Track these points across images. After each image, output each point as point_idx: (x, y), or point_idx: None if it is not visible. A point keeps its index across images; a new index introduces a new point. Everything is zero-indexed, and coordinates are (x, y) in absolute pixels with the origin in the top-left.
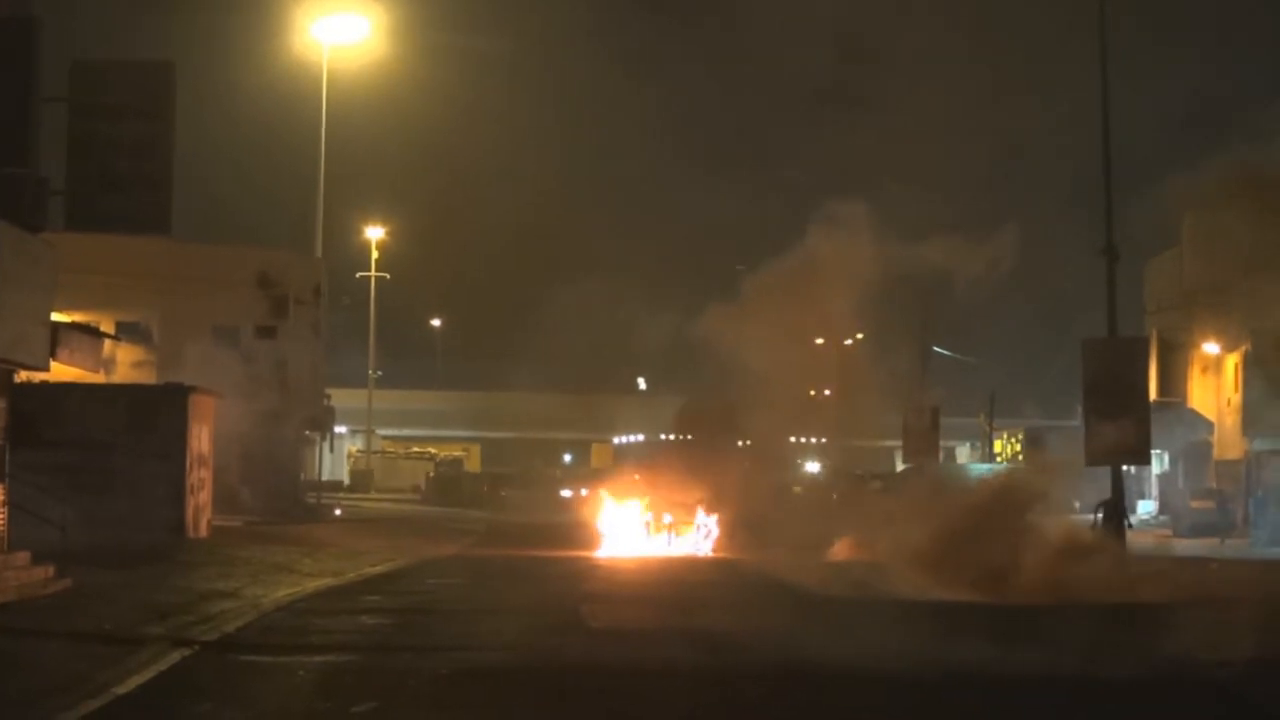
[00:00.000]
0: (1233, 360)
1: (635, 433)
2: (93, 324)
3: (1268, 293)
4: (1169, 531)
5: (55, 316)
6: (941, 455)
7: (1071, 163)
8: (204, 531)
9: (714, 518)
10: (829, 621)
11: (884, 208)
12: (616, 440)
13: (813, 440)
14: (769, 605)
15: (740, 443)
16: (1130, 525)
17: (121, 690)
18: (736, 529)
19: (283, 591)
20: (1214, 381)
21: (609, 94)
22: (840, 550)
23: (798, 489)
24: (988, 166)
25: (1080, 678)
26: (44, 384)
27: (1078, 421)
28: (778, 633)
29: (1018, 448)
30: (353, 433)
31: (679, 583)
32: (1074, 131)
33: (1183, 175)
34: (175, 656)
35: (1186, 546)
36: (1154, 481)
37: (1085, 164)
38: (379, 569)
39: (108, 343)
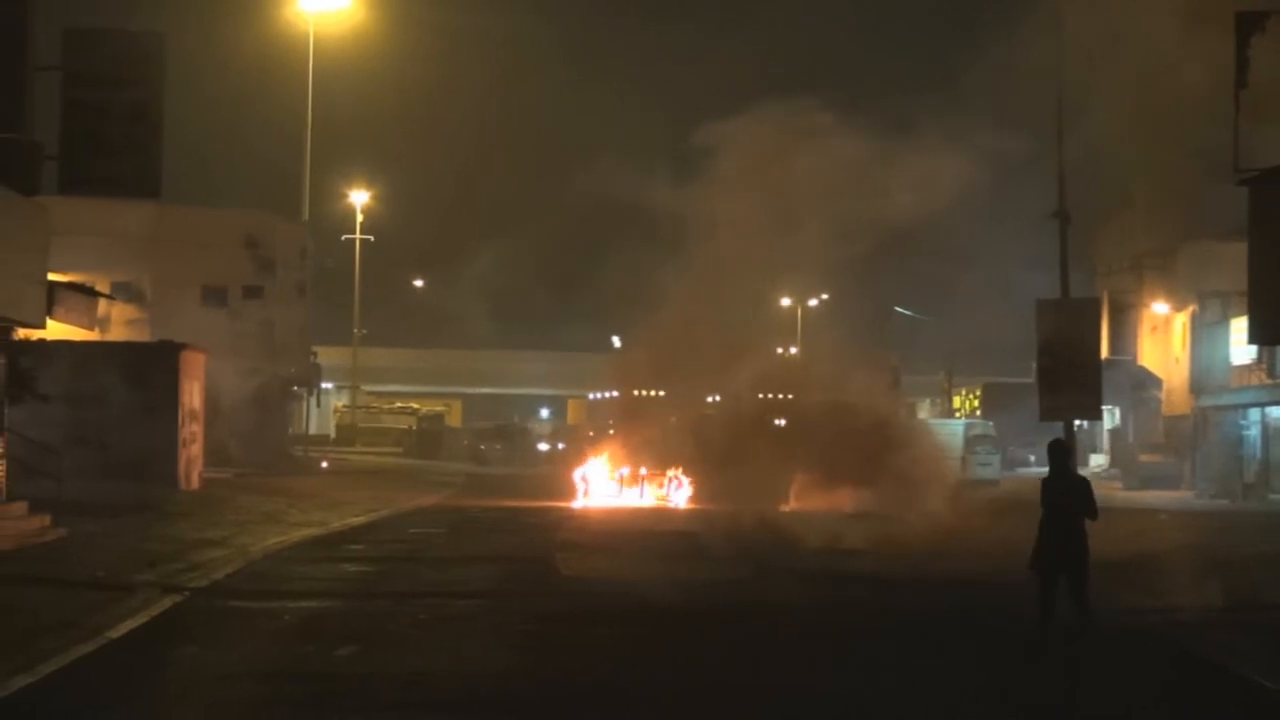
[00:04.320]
0: (1181, 320)
1: (609, 389)
2: (88, 284)
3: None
4: (1119, 484)
5: (51, 277)
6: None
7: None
8: (195, 483)
9: (683, 470)
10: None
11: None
12: (592, 396)
13: (780, 396)
14: (733, 554)
15: (710, 398)
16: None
17: (113, 634)
18: (707, 481)
19: (270, 540)
20: (1163, 340)
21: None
22: (795, 500)
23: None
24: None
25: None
26: (41, 341)
27: (1032, 379)
28: (741, 580)
29: (975, 403)
30: (338, 388)
31: (649, 533)
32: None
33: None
34: (165, 602)
35: (1134, 498)
36: (1105, 436)
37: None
38: (362, 519)
39: (102, 302)
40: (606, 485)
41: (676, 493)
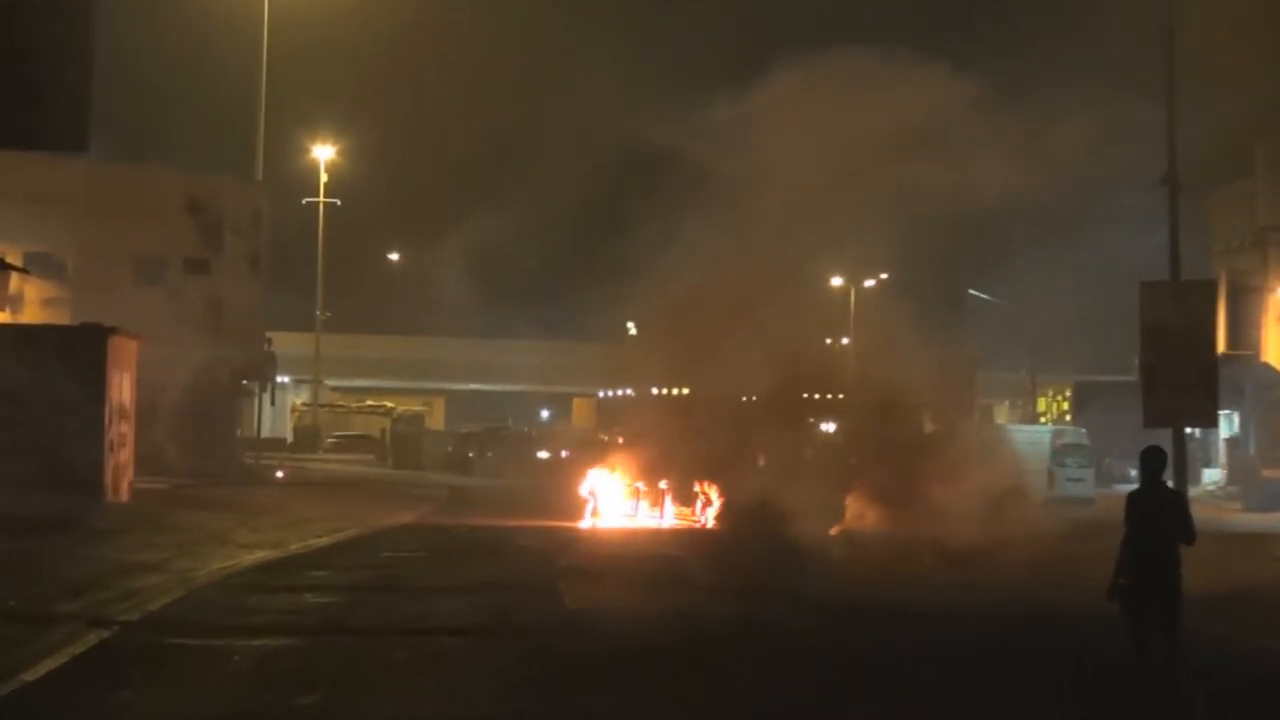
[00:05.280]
0: None
1: (623, 386)
2: None
3: None
4: (1238, 505)
5: None
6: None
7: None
8: (125, 495)
9: (713, 485)
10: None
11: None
12: (601, 394)
13: (829, 396)
14: (768, 586)
15: (746, 398)
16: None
17: (30, 676)
18: (739, 497)
19: (216, 564)
20: None
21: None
22: (851, 521)
23: (810, 452)
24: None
25: None
26: None
27: (1134, 377)
28: (777, 616)
29: (1064, 406)
30: (297, 383)
31: (671, 559)
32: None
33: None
34: (92, 638)
35: (1255, 522)
36: (1221, 447)
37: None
38: (326, 540)
39: (14, 276)
40: (621, 501)
41: (704, 511)
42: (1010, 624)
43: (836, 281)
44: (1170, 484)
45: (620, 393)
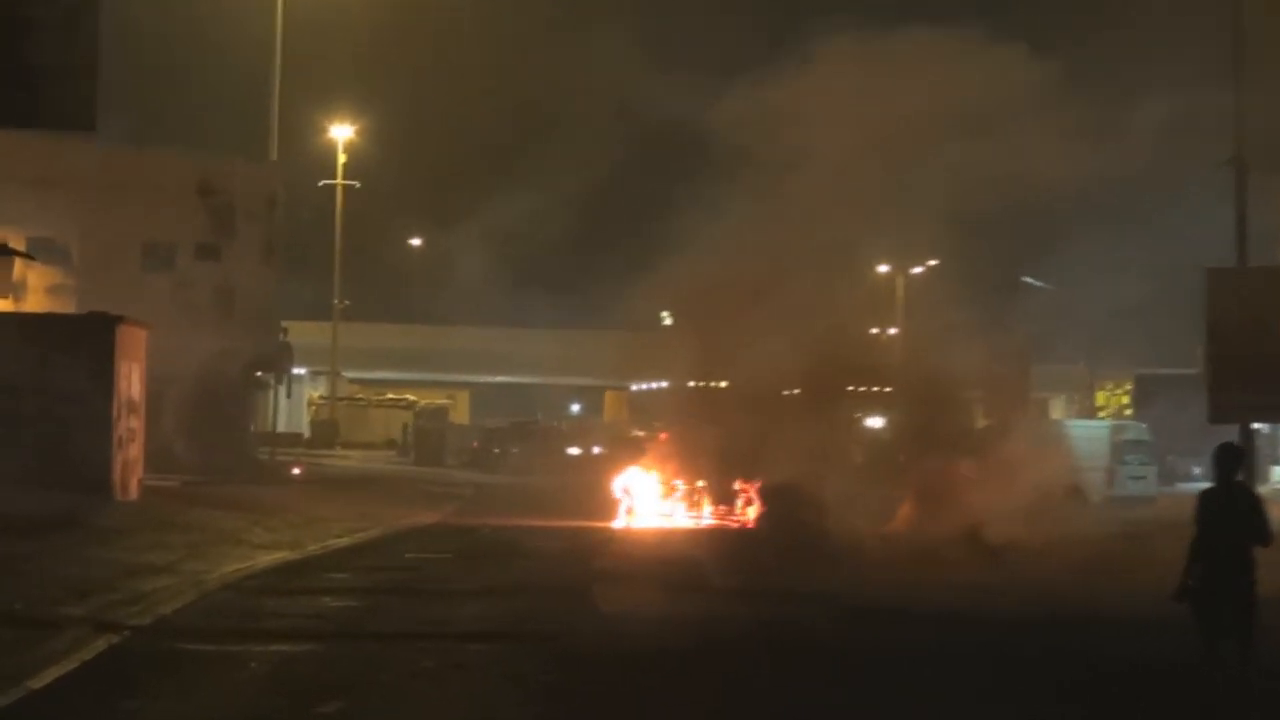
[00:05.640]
0: None
1: (658, 378)
2: None
3: None
4: None
5: None
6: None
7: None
8: (133, 492)
9: (754, 483)
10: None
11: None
12: (634, 387)
13: (875, 389)
14: (811, 588)
15: (787, 392)
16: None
17: (35, 684)
18: (780, 496)
19: (229, 566)
20: None
21: None
22: (901, 520)
23: (855, 449)
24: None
25: None
26: None
27: (1198, 369)
28: (814, 619)
29: (1124, 400)
30: (313, 375)
31: (711, 559)
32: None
33: None
34: (100, 643)
35: None
36: None
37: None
38: (345, 540)
39: (17, 262)
40: (656, 500)
41: (745, 511)
42: (1049, 630)
43: (883, 268)
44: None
45: (655, 385)
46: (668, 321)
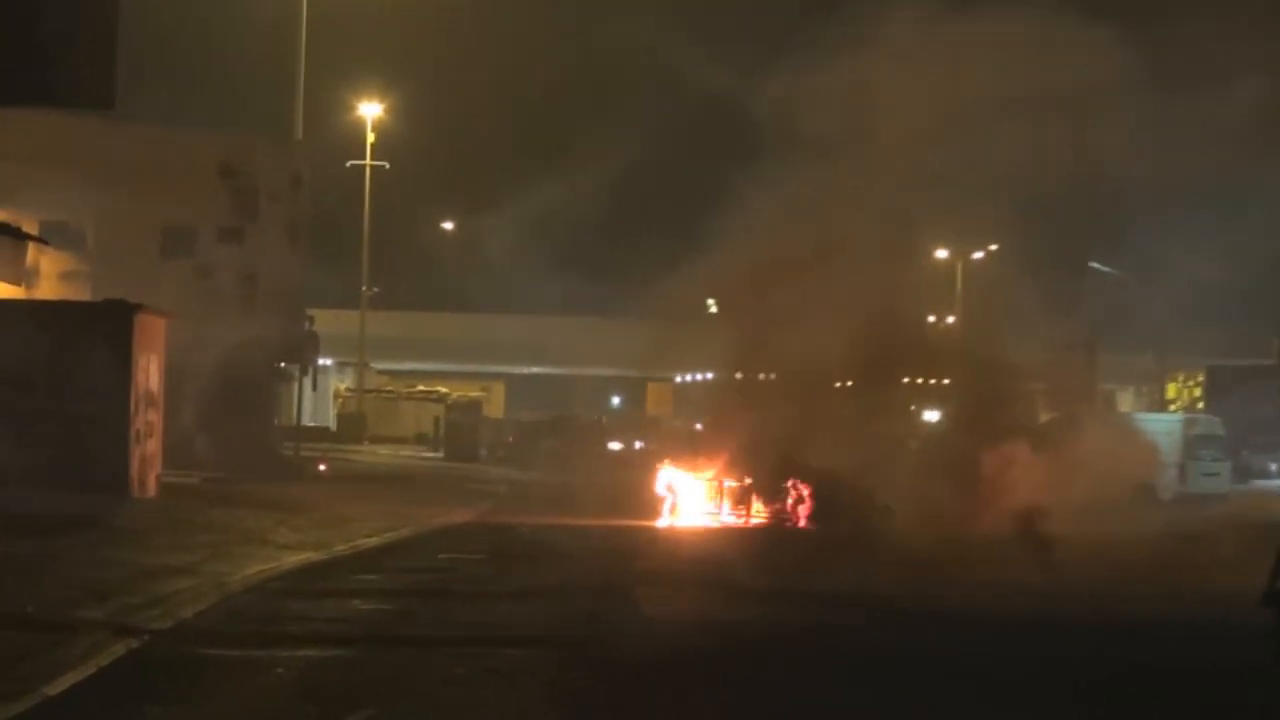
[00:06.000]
0: None
1: (704, 370)
2: (10, 224)
3: None
4: None
5: None
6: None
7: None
8: (151, 490)
9: (804, 479)
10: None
11: None
12: (679, 379)
13: (932, 381)
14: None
15: (840, 383)
16: None
17: (51, 690)
18: (833, 493)
19: (253, 568)
20: None
21: None
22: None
23: (913, 443)
24: None
25: None
26: None
27: (1273, 360)
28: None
29: (1196, 393)
30: (340, 366)
31: (755, 563)
32: None
33: None
34: (118, 648)
35: None
36: None
37: None
38: (375, 540)
39: (30, 247)
40: (702, 498)
41: (795, 509)
42: (1092, 636)
43: (941, 254)
44: None
45: (701, 377)
46: (713, 310)
